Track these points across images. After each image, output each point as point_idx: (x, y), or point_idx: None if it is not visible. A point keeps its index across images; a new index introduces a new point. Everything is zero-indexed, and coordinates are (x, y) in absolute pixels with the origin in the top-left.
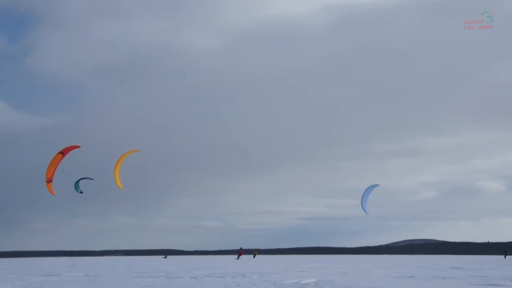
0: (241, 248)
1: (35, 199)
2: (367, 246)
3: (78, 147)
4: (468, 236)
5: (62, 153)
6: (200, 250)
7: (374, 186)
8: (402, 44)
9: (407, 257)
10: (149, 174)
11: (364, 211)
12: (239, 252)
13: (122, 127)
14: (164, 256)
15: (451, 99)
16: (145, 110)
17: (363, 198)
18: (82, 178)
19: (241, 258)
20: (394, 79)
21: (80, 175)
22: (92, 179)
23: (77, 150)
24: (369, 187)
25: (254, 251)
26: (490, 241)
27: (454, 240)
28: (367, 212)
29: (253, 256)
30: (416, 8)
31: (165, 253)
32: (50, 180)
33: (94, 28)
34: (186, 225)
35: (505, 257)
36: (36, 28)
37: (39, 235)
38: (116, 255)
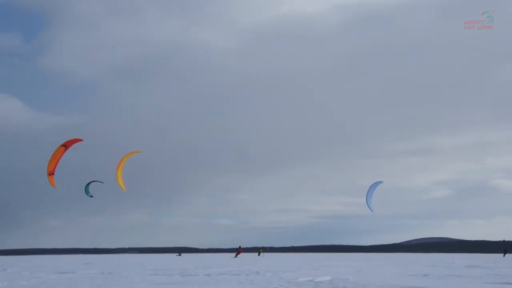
0: (240, 246)
1: (50, 197)
2: (381, 244)
3: (81, 140)
4: (482, 234)
5: (65, 146)
6: (214, 248)
7: (378, 183)
8: (416, 43)
9: (421, 255)
10: (164, 172)
11: (369, 208)
12: (237, 250)
13: (134, 126)
14: (178, 254)
15: (465, 97)
16: (158, 109)
17: (368, 195)
18: (91, 181)
19: (239, 256)
20: (407, 77)
21: (96, 175)
22: (102, 182)
23: (91, 149)
24: (373, 184)
25: (259, 249)
26: (506, 239)
27: (468, 238)
28: (372, 209)
29: (258, 254)
30: (429, 6)
31: (179, 251)
32: (52, 173)
33: (107, 27)
34: (200, 223)
35: (504, 255)
36: (51, 27)
37: (54, 232)
38: (130, 252)
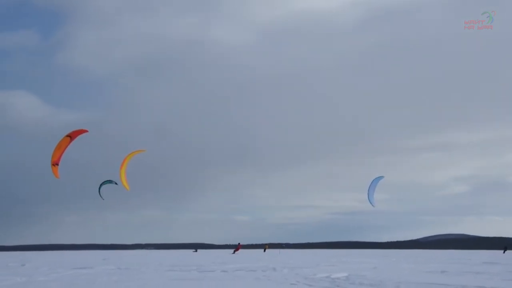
0: (239, 243)
1: (68, 193)
2: (397, 241)
3: (86, 131)
4: (501, 231)
5: (70, 136)
6: (230, 244)
7: (380, 178)
8: (431, 38)
9: (438, 252)
10: (180, 169)
11: (371, 204)
12: (236, 246)
13: (151, 123)
14: (194, 250)
15: (483, 92)
16: (174, 105)
17: (369, 190)
18: (104, 182)
19: (237, 253)
20: (424, 73)
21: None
22: (116, 184)
23: (107, 145)
24: (375, 179)
25: (265, 245)
26: None
27: (486, 235)
28: (374, 205)
29: (263, 250)
30: (445, 2)
31: (196, 247)
32: (57, 163)
33: (124, 24)
34: (216, 219)
35: (504, 252)
36: (67, 25)
37: (71, 228)
38: (147, 248)
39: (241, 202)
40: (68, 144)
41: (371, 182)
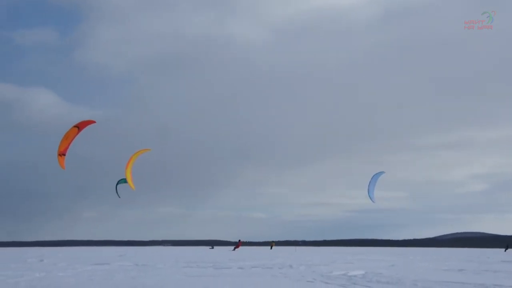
0: (240, 240)
1: (86, 189)
2: (414, 239)
3: (94, 122)
4: None
5: (78, 127)
6: (246, 242)
7: (380, 173)
8: (450, 36)
9: (455, 250)
10: (197, 165)
11: (371, 200)
12: (236, 244)
13: (168, 120)
14: (211, 247)
15: (500, 90)
16: (192, 101)
17: (370, 186)
18: (121, 180)
19: (237, 250)
20: (441, 71)
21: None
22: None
23: (125, 142)
24: (375, 174)
25: (271, 243)
26: None
27: (504, 233)
28: (374, 201)
29: (270, 248)
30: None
31: (212, 243)
32: (64, 154)
33: (141, 21)
34: (232, 216)
35: (505, 250)
36: (86, 22)
37: (88, 224)
38: (164, 245)
39: (257, 200)
40: (76, 135)
41: (371, 178)
